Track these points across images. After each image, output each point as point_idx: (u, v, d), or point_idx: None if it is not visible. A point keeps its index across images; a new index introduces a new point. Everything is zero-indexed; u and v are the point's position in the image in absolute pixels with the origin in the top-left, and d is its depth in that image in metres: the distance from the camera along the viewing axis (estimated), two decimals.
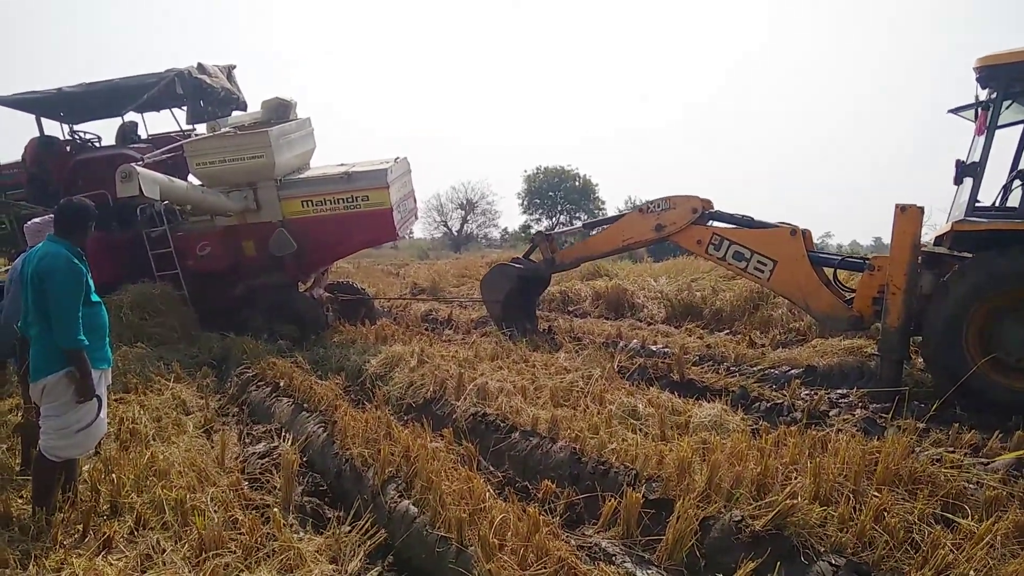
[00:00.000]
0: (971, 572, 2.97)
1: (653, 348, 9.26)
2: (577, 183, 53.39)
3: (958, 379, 6.12)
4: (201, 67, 11.92)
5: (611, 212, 29.82)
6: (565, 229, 15.35)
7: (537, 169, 54.17)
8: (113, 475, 4.54)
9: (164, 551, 3.65)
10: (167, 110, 12.76)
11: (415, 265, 28.52)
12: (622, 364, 7.85)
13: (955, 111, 6.95)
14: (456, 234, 55.64)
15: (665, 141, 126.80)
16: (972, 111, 6.73)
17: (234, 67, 12.96)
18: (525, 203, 54.27)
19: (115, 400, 6.43)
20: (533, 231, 11.59)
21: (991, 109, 6.39)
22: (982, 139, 6.45)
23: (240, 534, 3.74)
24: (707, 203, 8.84)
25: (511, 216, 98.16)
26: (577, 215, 50.88)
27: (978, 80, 6.48)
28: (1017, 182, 6.83)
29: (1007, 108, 6.56)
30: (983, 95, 6.55)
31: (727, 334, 10.47)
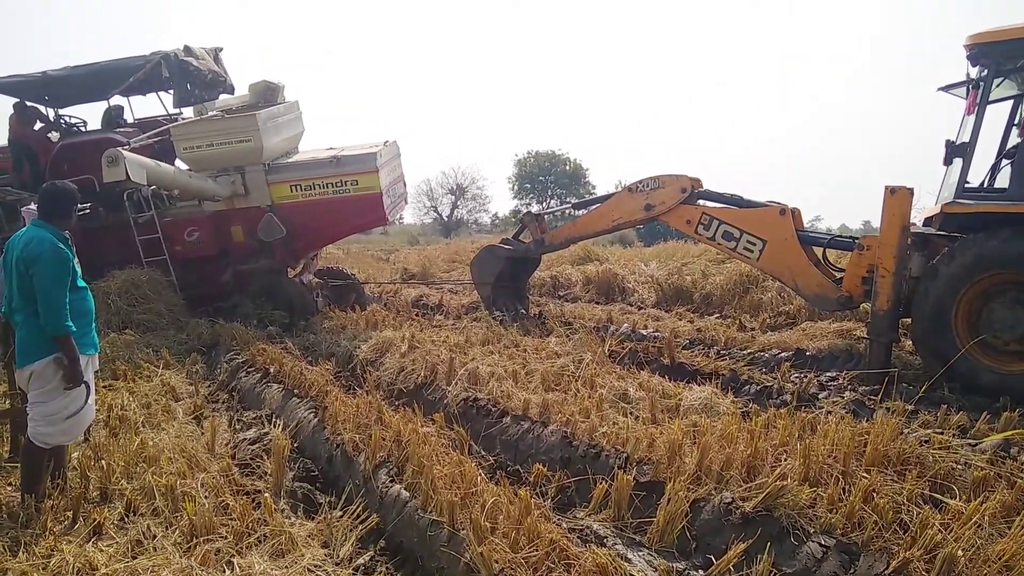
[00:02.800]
0: (959, 551, 2.98)
1: (643, 332, 9.26)
2: (568, 167, 53.15)
3: (947, 361, 6.14)
4: (188, 49, 11.78)
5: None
6: (554, 209, 15.34)
7: (528, 153, 53.92)
8: (103, 462, 4.53)
9: (155, 537, 3.64)
10: (153, 94, 12.61)
11: (405, 250, 28.43)
12: (613, 348, 7.84)
13: (946, 89, 6.93)
14: (446, 219, 55.37)
15: (659, 123, 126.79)
16: (963, 89, 6.70)
17: (221, 49, 12.82)
18: (515, 187, 54.08)
19: (104, 387, 6.40)
20: (522, 214, 11.57)
21: (981, 88, 6.34)
22: (972, 119, 6.42)
23: (231, 519, 3.74)
24: (696, 182, 8.80)
25: (501, 201, 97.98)
26: (568, 199, 50.71)
27: (969, 58, 6.43)
28: (1005, 162, 6.84)
29: (998, 86, 6.54)
30: (974, 73, 6.52)
31: (717, 318, 10.50)
